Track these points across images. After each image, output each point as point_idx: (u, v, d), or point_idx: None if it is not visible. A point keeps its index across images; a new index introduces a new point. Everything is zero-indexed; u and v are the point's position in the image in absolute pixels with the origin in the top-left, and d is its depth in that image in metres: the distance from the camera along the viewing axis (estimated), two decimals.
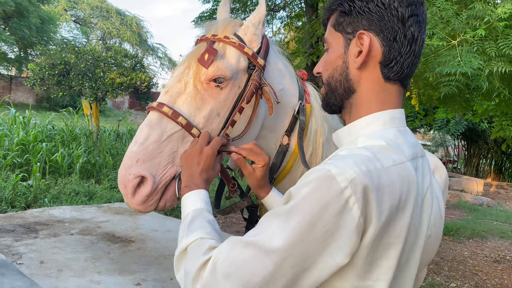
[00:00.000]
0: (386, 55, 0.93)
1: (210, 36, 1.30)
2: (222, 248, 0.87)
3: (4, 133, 8.64)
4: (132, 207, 1.18)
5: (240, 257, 0.82)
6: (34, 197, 6.59)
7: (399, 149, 0.89)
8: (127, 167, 1.16)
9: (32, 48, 24.12)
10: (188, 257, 0.94)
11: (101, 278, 3.90)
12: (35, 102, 24.06)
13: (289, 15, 10.24)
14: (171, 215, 6.74)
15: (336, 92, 1.00)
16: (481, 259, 6.28)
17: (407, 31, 0.92)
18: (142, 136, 1.19)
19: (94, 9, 29.97)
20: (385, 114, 0.94)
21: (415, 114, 7.67)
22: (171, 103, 1.23)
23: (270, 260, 0.79)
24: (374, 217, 0.78)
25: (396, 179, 0.83)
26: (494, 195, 14.40)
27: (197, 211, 1.07)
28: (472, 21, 2.89)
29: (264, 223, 0.85)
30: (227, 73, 1.23)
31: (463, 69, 2.72)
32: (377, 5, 0.91)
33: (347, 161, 0.80)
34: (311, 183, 0.80)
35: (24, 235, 4.85)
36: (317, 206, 0.77)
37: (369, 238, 0.79)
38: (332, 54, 1.00)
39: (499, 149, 17.50)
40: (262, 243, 0.80)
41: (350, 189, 0.76)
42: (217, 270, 0.83)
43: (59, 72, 11.03)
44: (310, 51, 7.07)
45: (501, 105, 5.28)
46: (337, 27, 0.98)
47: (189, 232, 0.99)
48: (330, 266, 0.79)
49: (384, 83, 0.95)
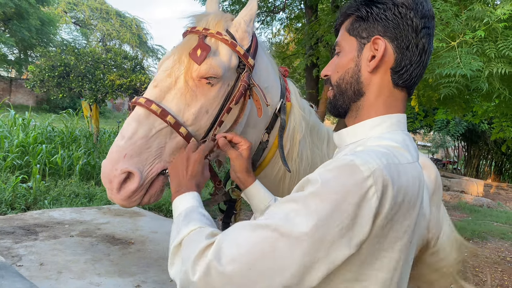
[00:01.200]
0: (398, 62, 0.96)
1: (202, 29, 1.27)
2: (228, 231, 0.84)
3: (4, 135, 8.64)
4: (116, 202, 1.16)
5: (249, 240, 0.78)
6: (34, 199, 6.58)
7: (410, 150, 0.93)
8: (114, 161, 1.13)
9: (32, 50, 24.15)
10: (185, 245, 0.89)
11: (101, 280, 3.90)
12: (35, 104, 24.06)
13: (289, 16, 10.26)
14: (171, 216, 6.73)
15: (346, 94, 1.01)
16: (481, 260, 6.27)
17: (419, 41, 0.95)
18: (130, 131, 1.16)
19: (94, 10, 30.01)
20: (392, 117, 0.97)
21: (415, 115, 7.68)
22: (160, 98, 1.20)
23: (283, 243, 0.76)
24: (387, 208, 0.79)
25: (410, 177, 0.86)
26: (494, 196, 14.39)
27: (190, 208, 1.04)
28: (471, 22, 2.89)
29: (275, 208, 0.83)
30: (219, 71, 1.22)
31: (462, 71, 2.72)
32: (394, 14, 0.94)
33: (368, 154, 0.82)
34: (333, 171, 0.80)
35: (24, 237, 4.84)
36: (338, 192, 0.77)
37: (377, 227, 0.80)
38: (344, 57, 1.01)
39: (499, 150, 17.49)
40: (274, 226, 0.78)
41: (372, 179, 0.77)
42: (223, 252, 0.79)
43: (59, 74, 11.03)
44: (309, 52, 7.08)
45: (501, 106, 5.28)
46: (352, 31, 1.00)
47: (185, 225, 0.95)
48: (342, 255, 0.78)
49: (393, 89, 0.98)
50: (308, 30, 7.02)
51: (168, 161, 1.21)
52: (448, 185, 13.90)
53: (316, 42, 6.88)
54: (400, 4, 0.94)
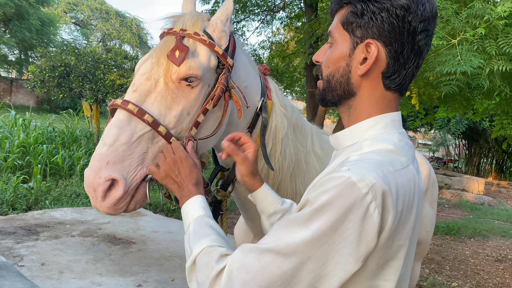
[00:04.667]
0: (389, 67, 0.93)
1: (179, 30, 1.26)
2: (236, 256, 0.86)
3: (4, 135, 8.65)
4: (101, 210, 1.14)
5: (257, 264, 0.81)
6: (35, 199, 6.58)
7: (404, 152, 0.91)
8: (97, 170, 1.11)
9: (32, 50, 24.17)
10: (199, 268, 0.92)
11: (102, 279, 3.90)
12: (35, 104, 24.08)
13: (289, 15, 10.26)
14: (172, 216, 6.74)
15: (335, 91, 0.99)
16: (482, 258, 6.27)
17: (415, 45, 0.92)
18: (111, 137, 1.14)
19: (93, 10, 30.01)
20: (386, 117, 0.96)
21: (415, 113, 7.66)
22: (140, 102, 1.18)
23: (289, 263, 0.78)
24: (390, 221, 0.80)
25: (405, 182, 0.86)
26: (495, 194, 14.37)
27: (198, 219, 1.05)
28: (472, 20, 2.89)
29: (278, 230, 0.84)
30: (198, 72, 1.21)
31: (463, 68, 2.72)
32: (391, 16, 0.89)
33: (363, 167, 0.81)
34: (331, 190, 0.79)
35: (25, 237, 4.85)
36: (338, 212, 0.77)
37: (383, 240, 0.81)
38: (336, 52, 0.97)
39: (500, 148, 17.47)
40: (279, 248, 0.80)
41: (371, 194, 0.78)
42: (234, 278, 0.82)
43: (60, 74, 11.04)
44: (309, 51, 7.07)
45: (502, 103, 5.27)
46: (346, 26, 0.95)
47: (195, 242, 0.98)
48: (348, 271, 0.79)
49: (385, 91, 0.96)
50: (308, 29, 7.01)
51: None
52: (449, 183, 13.89)
53: (316, 41, 6.87)
54: (399, 6, 0.88)
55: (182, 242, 5.10)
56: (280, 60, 10.75)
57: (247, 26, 13.35)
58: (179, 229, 5.70)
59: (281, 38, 13.73)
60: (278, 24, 12.19)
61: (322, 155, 1.71)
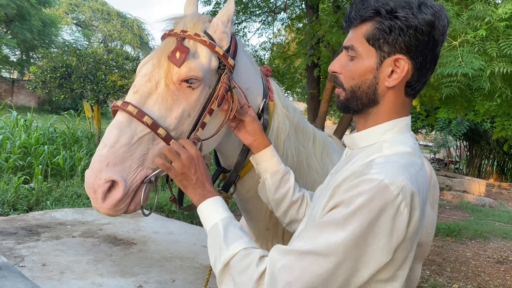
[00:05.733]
0: (414, 78, 1.01)
1: (180, 31, 1.26)
2: (274, 257, 0.92)
3: (6, 136, 8.66)
4: (101, 212, 1.14)
5: (298, 265, 0.87)
6: (36, 200, 6.59)
7: (419, 154, 1.01)
8: (97, 171, 1.11)
9: (34, 51, 24.21)
10: (237, 270, 0.96)
11: (103, 280, 3.90)
12: (37, 105, 24.12)
13: (290, 16, 10.26)
14: (173, 217, 6.74)
15: (360, 100, 1.05)
16: (483, 260, 6.26)
17: (434, 55, 1.01)
18: (111, 139, 1.14)
19: (95, 11, 30.06)
20: (401, 121, 1.04)
21: (416, 115, 7.66)
22: (141, 104, 1.18)
23: (329, 263, 0.86)
24: (416, 216, 0.89)
25: (423, 181, 0.95)
26: (497, 196, 14.35)
27: (225, 220, 1.07)
28: (473, 22, 2.89)
29: (313, 231, 0.91)
30: (199, 73, 1.21)
31: (464, 70, 2.72)
32: (418, 33, 0.95)
33: (392, 169, 0.90)
34: (366, 193, 0.87)
35: (26, 238, 4.86)
36: (373, 212, 0.85)
37: (410, 234, 0.89)
38: (361, 65, 1.02)
39: (501, 149, 17.44)
40: (319, 250, 0.87)
41: (401, 195, 0.86)
42: (277, 279, 0.88)
43: (61, 75, 11.06)
44: (310, 52, 7.07)
45: (503, 105, 5.27)
46: (372, 41, 1.00)
47: (228, 244, 1.01)
48: (380, 263, 0.88)
49: (404, 98, 1.04)
50: (309, 30, 7.01)
51: (151, 168, 1.19)
52: (450, 185, 13.88)
53: (317, 42, 6.87)
54: (425, 23, 0.95)
55: (183, 243, 5.11)
56: (281, 62, 10.75)
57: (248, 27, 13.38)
58: (180, 230, 5.70)
59: (282, 39, 13.74)
60: (279, 25, 12.21)
61: (324, 157, 1.71)
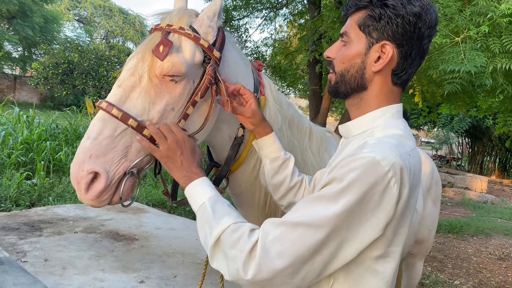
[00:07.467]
0: (399, 66, 1.07)
1: (165, 26, 1.27)
2: (266, 229, 0.95)
3: (8, 132, 8.68)
4: (85, 203, 1.17)
5: (290, 236, 0.91)
6: (38, 196, 6.62)
7: (410, 137, 1.05)
8: (80, 163, 1.14)
9: (36, 48, 24.19)
10: (228, 244, 0.97)
11: (105, 275, 3.92)
12: (39, 101, 24.11)
13: (292, 12, 10.23)
14: (175, 213, 6.76)
15: (349, 84, 1.10)
16: (485, 256, 6.26)
17: (421, 48, 1.06)
18: (95, 131, 1.16)
19: (97, 8, 30.03)
20: (392, 108, 1.09)
21: (419, 111, 7.64)
22: (124, 98, 1.20)
23: (321, 234, 0.89)
24: (405, 194, 0.93)
25: (415, 162, 0.99)
26: (499, 193, 14.33)
27: (213, 198, 1.09)
28: (475, 18, 2.87)
29: (305, 205, 0.95)
30: (182, 69, 1.21)
31: (466, 68, 2.70)
32: (405, 22, 1.02)
33: (383, 148, 0.94)
34: (358, 169, 0.90)
35: (29, 233, 4.88)
36: (365, 186, 0.89)
37: (399, 211, 0.93)
38: (351, 50, 1.08)
39: (503, 146, 17.41)
40: (311, 221, 0.90)
41: (392, 171, 0.90)
42: (269, 250, 0.91)
43: (63, 71, 11.09)
44: (312, 48, 7.05)
45: (505, 102, 5.25)
46: (362, 27, 1.07)
47: (217, 220, 1.03)
48: (369, 237, 0.91)
49: (392, 86, 1.10)
50: (311, 26, 6.99)
51: (134, 160, 1.21)
52: (452, 182, 13.86)
53: (319, 38, 6.85)
54: (412, 14, 1.01)
55: (184, 239, 5.12)
56: (283, 58, 10.73)
57: (250, 23, 13.33)
58: (182, 226, 5.71)
59: (284, 35, 13.71)
60: (281, 21, 12.20)
61: (322, 153, 1.71)
